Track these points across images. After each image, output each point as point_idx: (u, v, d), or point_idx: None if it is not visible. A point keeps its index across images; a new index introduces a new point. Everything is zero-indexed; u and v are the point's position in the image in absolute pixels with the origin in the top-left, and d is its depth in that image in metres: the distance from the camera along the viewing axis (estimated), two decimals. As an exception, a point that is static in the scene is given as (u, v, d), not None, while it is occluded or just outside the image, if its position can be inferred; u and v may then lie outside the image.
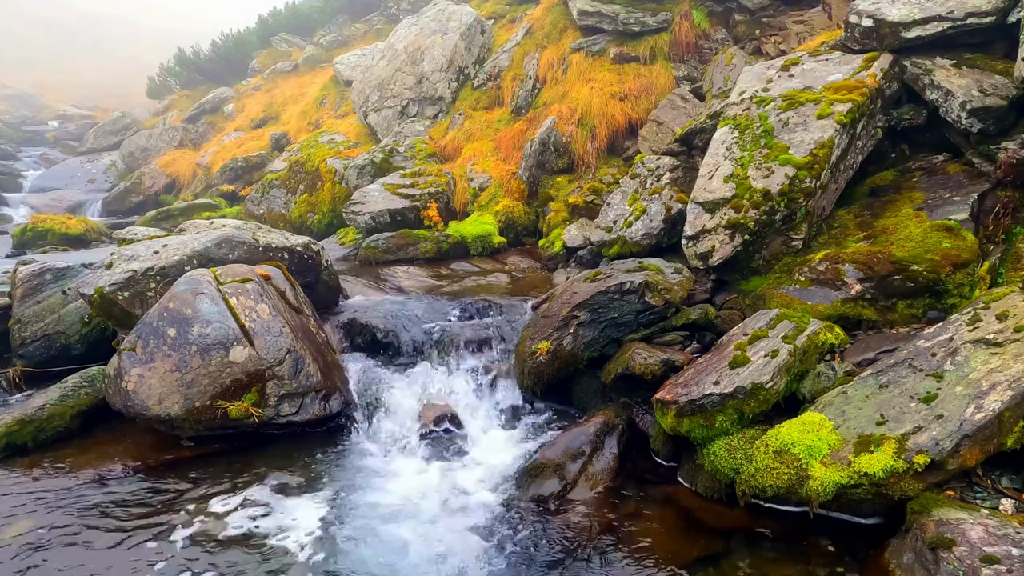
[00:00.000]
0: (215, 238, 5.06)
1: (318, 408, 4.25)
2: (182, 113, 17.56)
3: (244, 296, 4.36)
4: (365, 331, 5.24)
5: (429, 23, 10.93)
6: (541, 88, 9.10)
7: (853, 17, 5.34)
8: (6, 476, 3.81)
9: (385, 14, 16.96)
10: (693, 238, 4.93)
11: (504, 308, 5.49)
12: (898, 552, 2.81)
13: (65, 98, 27.31)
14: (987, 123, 4.58)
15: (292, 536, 3.32)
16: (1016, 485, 2.97)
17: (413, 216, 7.85)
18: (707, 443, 3.55)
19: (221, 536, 3.30)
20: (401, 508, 3.61)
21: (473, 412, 4.64)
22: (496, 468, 4.00)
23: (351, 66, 13.21)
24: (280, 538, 3.30)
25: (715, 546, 3.16)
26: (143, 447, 4.12)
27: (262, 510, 3.52)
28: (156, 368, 4.02)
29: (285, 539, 3.29)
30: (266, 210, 10.27)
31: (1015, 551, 2.47)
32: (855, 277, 4.17)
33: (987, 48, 4.94)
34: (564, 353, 4.48)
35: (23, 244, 9.97)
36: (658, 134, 7.42)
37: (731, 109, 5.44)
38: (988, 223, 4.34)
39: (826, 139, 4.69)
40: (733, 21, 8.26)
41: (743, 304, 4.66)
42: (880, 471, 2.95)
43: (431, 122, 10.31)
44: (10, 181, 15.65)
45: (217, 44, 19.53)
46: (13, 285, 5.41)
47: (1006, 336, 3.24)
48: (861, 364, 3.68)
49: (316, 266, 5.51)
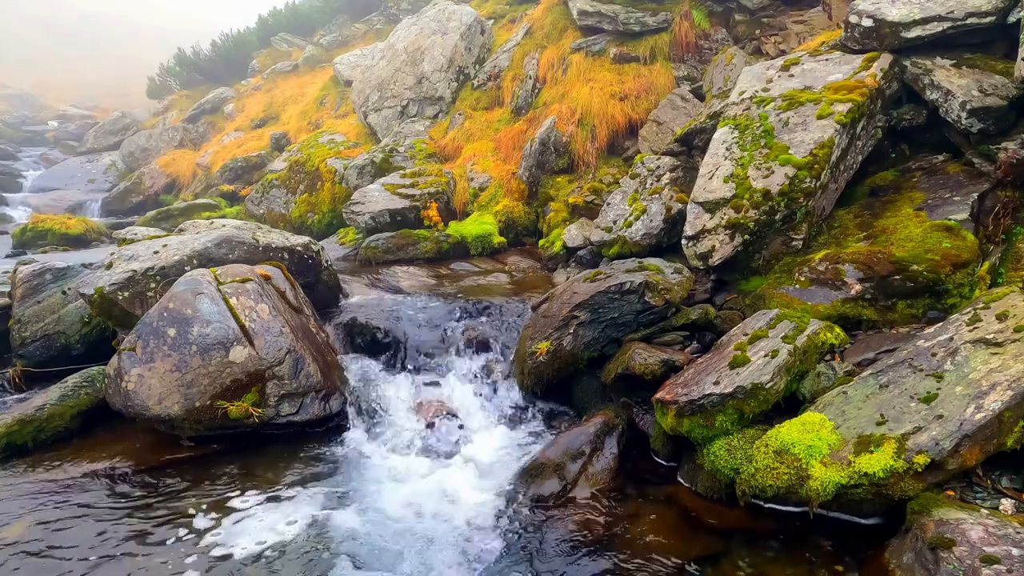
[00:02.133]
0: (215, 238, 5.06)
1: (318, 408, 4.25)
2: (182, 113, 17.57)
3: (244, 296, 4.36)
4: (365, 331, 5.24)
5: (429, 23, 10.93)
6: (541, 88, 9.09)
7: (853, 17, 5.34)
8: (6, 476, 3.81)
9: (385, 14, 16.96)
10: (693, 238, 4.93)
11: (504, 308, 5.49)
12: (898, 552, 2.81)
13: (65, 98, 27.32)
14: (987, 123, 4.58)
15: (292, 536, 3.31)
16: (1016, 485, 2.97)
17: (413, 216, 7.85)
18: (707, 443, 3.55)
19: (221, 536, 3.30)
20: (401, 508, 3.61)
21: (473, 412, 4.64)
22: (496, 468, 4.00)
23: (351, 66, 13.21)
24: (280, 538, 3.29)
25: (715, 546, 3.16)
26: (143, 447, 4.12)
27: (262, 510, 3.52)
28: (156, 368, 4.02)
29: (285, 539, 3.29)
30: (266, 210, 10.27)
31: (1015, 551, 2.47)
32: (855, 277, 4.17)
33: (987, 48, 4.94)
34: (564, 353, 4.48)
35: (23, 244, 9.98)
36: (658, 134, 7.42)
37: (731, 109, 5.44)
38: (988, 223, 4.33)
39: (826, 139, 4.69)
40: (733, 21, 8.26)
41: (743, 304, 4.66)
42: (880, 471, 2.95)
43: (431, 122, 10.31)
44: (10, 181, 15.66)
45: (217, 44, 19.53)
46: (13, 285, 5.42)
47: (1006, 336, 3.24)
48: (861, 364, 3.68)
49: (316, 266, 5.51)
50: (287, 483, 3.78)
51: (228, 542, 3.26)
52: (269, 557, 3.16)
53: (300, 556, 3.17)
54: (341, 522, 3.44)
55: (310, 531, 3.36)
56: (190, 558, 3.14)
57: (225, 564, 3.10)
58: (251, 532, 3.34)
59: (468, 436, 4.41)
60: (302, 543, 3.26)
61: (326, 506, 3.58)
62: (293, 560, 3.14)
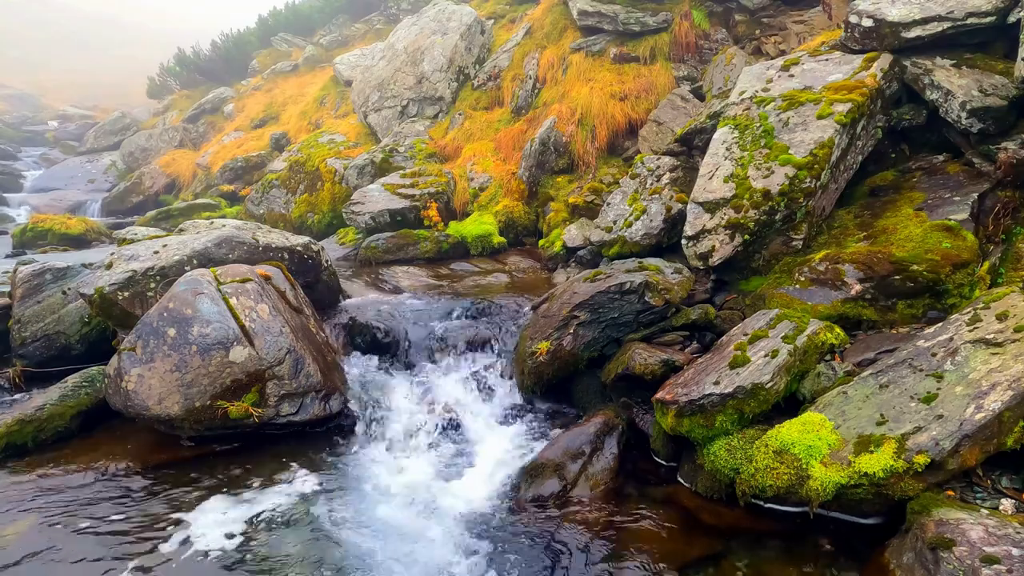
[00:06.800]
0: (215, 238, 5.06)
1: (318, 408, 4.24)
2: (182, 113, 17.57)
3: (244, 296, 4.36)
4: (365, 331, 5.24)
5: (429, 23, 10.93)
6: (541, 88, 9.10)
7: (853, 17, 5.34)
8: (6, 476, 3.80)
9: (385, 14, 16.97)
10: (693, 238, 4.92)
11: (504, 308, 5.49)
12: (898, 552, 2.81)
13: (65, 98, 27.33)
14: (987, 123, 4.58)
15: (292, 536, 3.31)
16: (1016, 485, 2.97)
17: (413, 216, 7.85)
18: (707, 443, 3.55)
19: (221, 536, 3.30)
20: (401, 508, 3.61)
21: (473, 412, 4.64)
22: (496, 468, 4.00)
23: (351, 66, 13.21)
24: (279, 538, 3.29)
25: (715, 546, 3.16)
26: (143, 447, 4.12)
27: (262, 510, 3.52)
28: (156, 368, 4.02)
29: (285, 539, 3.29)
30: (266, 210, 10.27)
31: (1015, 551, 2.47)
32: (855, 277, 4.17)
33: (987, 48, 4.94)
34: (564, 353, 4.48)
35: (23, 244, 9.98)
36: (658, 134, 7.41)
37: (731, 109, 5.44)
38: (988, 223, 4.33)
39: (826, 139, 4.69)
40: (733, 21, 8.26)
41: (743, 304, 4.66)
42: (880, 471, 2.95)
43: (431, 122, 10.31)
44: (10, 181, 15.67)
45: (217, 44, 19.53)
46: (13, 285, 5.41)
47: (1006, 336, 3.24)
48: (861, 364, 3.67)
49: (316, 266, 5.51)
50: (287, 483, 3.77)
51: (228, 542, 3.26)
52: (269, 557, 3.15)
53: (300, 556, 3.17)
54: (341, 522, 3.44)
55: (310, 531, 3.36)
56: (190, 558, 3.13)
57: (225, 564, 3.10)
58: (251, 532, 3.34)
59: (468, 436, 4.41)
60: (302, 543, 3.26)
61: (326, 506, 3.57)
62: (293, 560, 3.14)
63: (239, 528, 3.37)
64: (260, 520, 3.44)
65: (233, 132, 14.72)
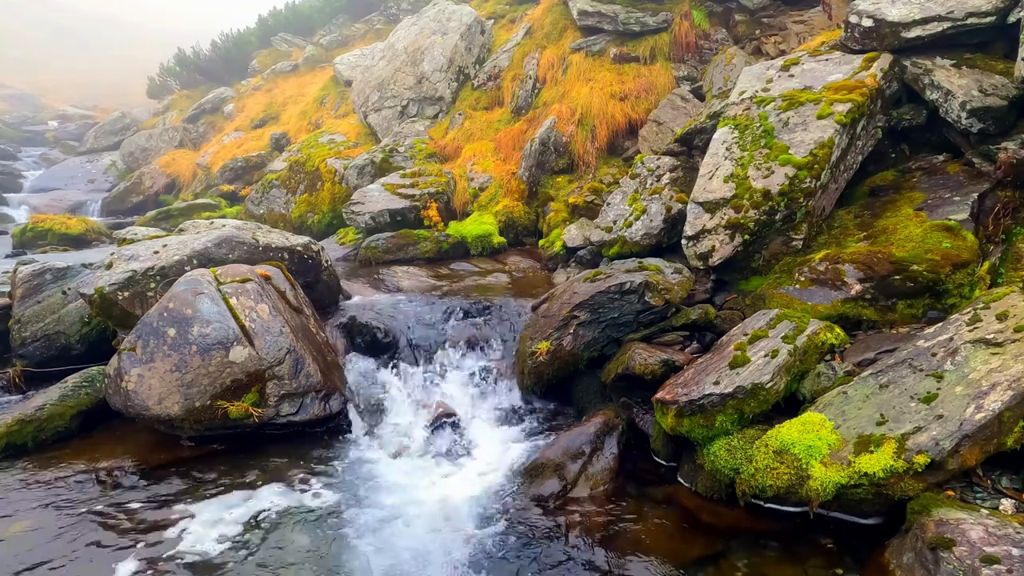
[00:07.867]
0: (215, 238, 5.06)
1: (318, 408, 4.24)
2: (182, 113, 17.56)
3: (244, 296, 4.36)
4: (365, 331, 5.24)
5: (429, 23, 10.93)
6: (541, 88, 9.09)
7: (853, 17, 5.34)
8: (6, 476, 3.81)
9: (385, 14, 16.96)
10: (693, 238, 4.93)
11: (504, 308, 5.49)
12: (898, 552, 2.81)
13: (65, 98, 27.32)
14: (987, 123, 4.58)
15: (292, 536, 3.31)
16: (1016, 485, 2.97)
17: (413, 216, 7.85)
18: (707, 443, 3.55)
19: (221, 536, 3.30)
20: (401, 508, 3.61)
21: (473, 412, 4.64)
22: (496, 468, 4.00)
23: (351, 66, 13.21)
24: (280, 538, 3.29)
25: (715, 546, 3.16)
26: (143, 447, 4.12)
27: (262, 510, 3.52)
28: (156, 368, 4.02)
29: (285, 539, 3.29)
30: (266, 210, 10.27)
31: (1015, 551, 2.47)
32: (855, 277, 4.17)
33: (987, 48, 4.94)
34: (564, 353, 4.48)
35: (23, 244, 9.98)
36: (658, 134, 7.41)
37: (731, 109, 5.44)
38: (988, 223, 4.33)
39: (826, 139, 4.69)
40: (733, 21, 8.26)
41: (743, 304, 4.66)
42: (880, 471, 2.95)
43: (431, 122, 10.30)
44: (10, 181, 15.66)
45: (217, 44, 19.53)
46: (13, 285, 5.42)
47: (1006, 336, 3.24)
48: (861, 364, 3.68)
49: (316, 266, 5.51)
50: (287, 483, 3.77)
51: (228, 542, 3.25)
52: (269, 556, 3.15)
53: (300, 556, 3.17)
54: (340, 522, 3.44)
55: (310, 531, 3.36)
56: (190, 558, 3.13)
57: (225, 564, 3.10)
58: (251, 532, 3.34)
59: (468, 436, 4.41)
60: (302, 543, 3.26)
61: (326, 506, 3.57)
62: (293, 560, 3.13)
63: (239, 528, 3.37)
64: (260, 520, 3.44)
65: (233, 132, 14.71)
